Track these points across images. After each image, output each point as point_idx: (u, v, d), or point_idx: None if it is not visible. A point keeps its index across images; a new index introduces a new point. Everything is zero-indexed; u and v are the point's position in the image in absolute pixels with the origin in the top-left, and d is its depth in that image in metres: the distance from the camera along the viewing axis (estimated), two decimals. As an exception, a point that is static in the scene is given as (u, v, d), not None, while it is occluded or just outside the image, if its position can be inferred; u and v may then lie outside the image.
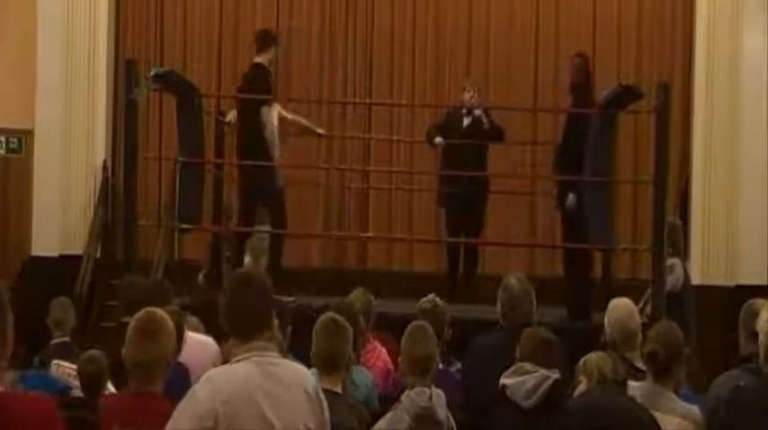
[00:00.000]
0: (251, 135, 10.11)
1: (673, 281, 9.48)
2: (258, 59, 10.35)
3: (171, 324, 4.68)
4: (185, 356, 5.41)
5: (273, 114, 10.37)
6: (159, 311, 4.74)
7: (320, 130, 11.52)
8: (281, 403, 3.89)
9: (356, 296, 7.44)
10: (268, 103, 10.15)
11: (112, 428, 4.53)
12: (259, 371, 3.90)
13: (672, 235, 9.57)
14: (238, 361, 3.94)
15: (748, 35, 12.11)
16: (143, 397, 4.55)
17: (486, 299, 8.14)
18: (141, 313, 4.70)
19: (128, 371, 4.68)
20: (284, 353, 5.73)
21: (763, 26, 12.12)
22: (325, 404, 4.06)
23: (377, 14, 13.61)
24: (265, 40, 10.52)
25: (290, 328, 6.62)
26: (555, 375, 5.58)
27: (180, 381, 4.79)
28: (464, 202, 11.04)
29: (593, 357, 5.54)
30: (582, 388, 5.48)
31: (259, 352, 3.95)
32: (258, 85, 10.17)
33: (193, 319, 6.55)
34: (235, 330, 4.03)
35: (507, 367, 5.70)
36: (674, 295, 9.36)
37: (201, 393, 3.87)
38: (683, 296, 9.73)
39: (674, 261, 9.61)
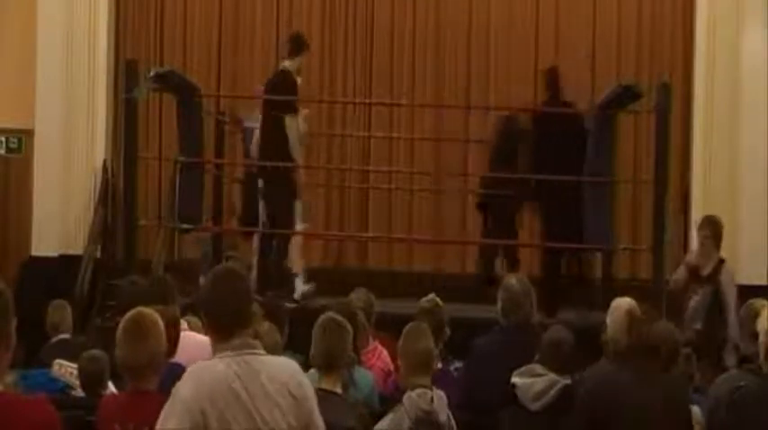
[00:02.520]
0: (273, 140, 9.93)
1: (728, 282, 9.11)
2: (285, 65, 10.16)
3: (161, 323, 4.66)
4: (186, 356, 5.38)
5: (299, 121, 10.14)
6: (148, 311, 4.71)
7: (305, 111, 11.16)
8: (265, 400, 3.86)
9: (356, 296, 7.46)
10: (291, 111, 9.91)
11: (113, 428, 4.52)
12: (242, 367, 3.87)
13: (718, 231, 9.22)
14: (221, 357, 3.91)
15: (748, 35, 12.10)
16: (141, 396, 4.55)
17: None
18: (130, 313, 4.68)
19: (121, 371, 4.67)
20: (281, 352, 5.74)
21: (764, 26, 12.10)
22: (313, 400, 4.01)
23: (377, 14, 13.60)
24: (297, 45, 10.21)
25: (287, 328, 6.64)
26: (565, 381, 5.57)
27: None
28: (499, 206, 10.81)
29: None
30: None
31: (242, 349, 3.93)
32: (281, 93, 9.95)
33: (194, 319, 6.55)
34: (217, 327, 3.98)
35: (508, 367, 5.70)
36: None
37: (185, 390, 3.84)
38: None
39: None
